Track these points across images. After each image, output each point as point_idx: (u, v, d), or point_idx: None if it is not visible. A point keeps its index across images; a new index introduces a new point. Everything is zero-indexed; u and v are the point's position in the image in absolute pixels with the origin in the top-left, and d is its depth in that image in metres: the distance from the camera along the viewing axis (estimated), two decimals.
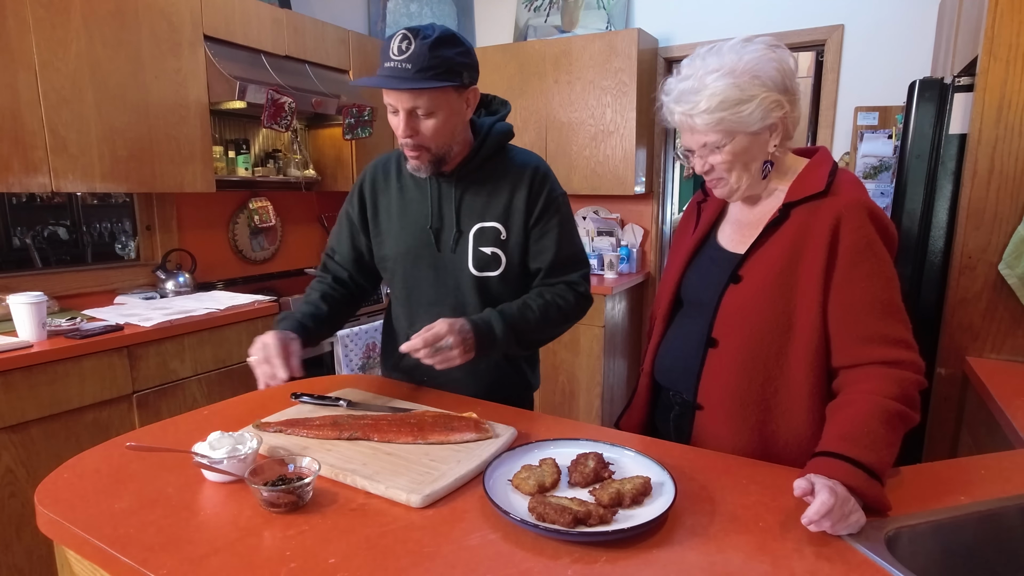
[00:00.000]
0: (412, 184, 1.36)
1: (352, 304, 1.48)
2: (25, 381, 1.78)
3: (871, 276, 1.00)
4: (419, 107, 1.16)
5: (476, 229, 1.31)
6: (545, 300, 1.29)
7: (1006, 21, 1.66)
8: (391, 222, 1.37)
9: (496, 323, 1.23)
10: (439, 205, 1.33)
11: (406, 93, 1.14)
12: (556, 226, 1.32)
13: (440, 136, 1.20)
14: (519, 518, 0.81)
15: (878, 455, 0.87)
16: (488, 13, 3.96)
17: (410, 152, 1.22)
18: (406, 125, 1.18)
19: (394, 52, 1.12)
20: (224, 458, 0.93)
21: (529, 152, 1.38)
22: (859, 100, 3.02)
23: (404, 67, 1.11)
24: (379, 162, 1.43)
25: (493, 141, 1.31)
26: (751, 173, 1.08)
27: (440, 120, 1.18)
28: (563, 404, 3.29)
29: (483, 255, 1.31)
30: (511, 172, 1.32)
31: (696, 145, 1.07)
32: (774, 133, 1.05)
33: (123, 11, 2.25)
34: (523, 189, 1.30)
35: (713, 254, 1.19)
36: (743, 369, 1.07)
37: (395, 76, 1.12)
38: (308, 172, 3.32)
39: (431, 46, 1.11)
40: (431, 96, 1.15)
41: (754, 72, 1.00)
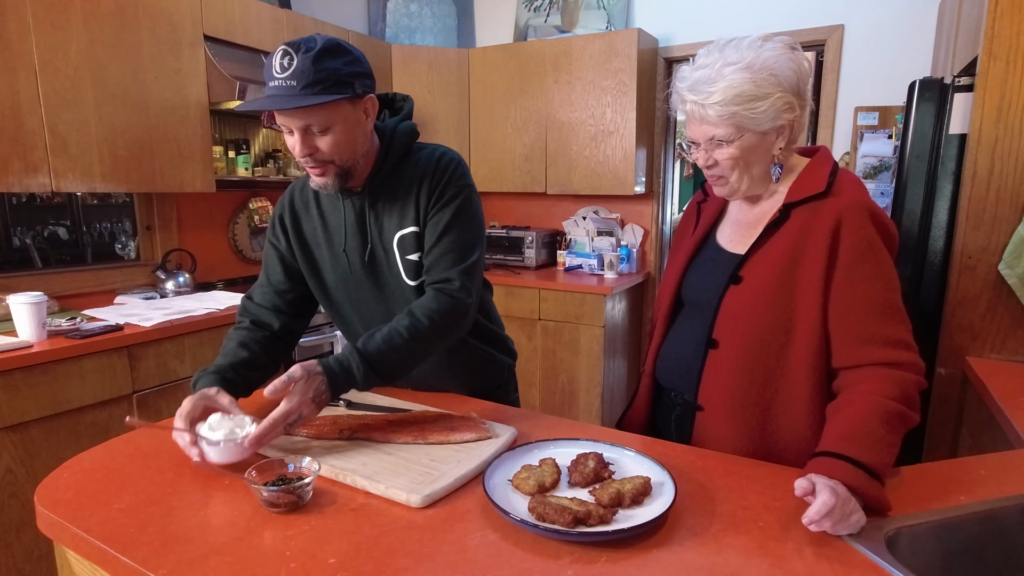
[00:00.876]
0: (330, 207, 1.28)
1: (279, 349, 1.31)
2: (25, 381, 1.78)
3: (872, 277, 1.00)
4: (312, 124, 1.08)
5: (398, 238, 1.24)
6: (412, 320, 1.15)
7: (1006, 21, 1.66)
8: (320, 249, 1.29)
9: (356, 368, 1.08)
10: (356, 223, 1.26)
11: (297, 112, 1.06)
12: (448, 213, 1.21)
13: (340, 150, 1.12)
14: (519, 518, 0.81)
15: (878, 455, 0.87)
16: (488, 13, 3.96)
17: (314, 170, 1.14)
18: (303, 144, 1.10)
19: (276, 70, 1.04)
20: (221, 440, 0.93)
21: (437, 146, 1.29)
22: (859, 100, 3.02)
23: (288, 84, 1.04)
24: (295, 188, 1.34)
25: (399, 144, 1.23)
26: (752, 175, 1.08)
27: (337, 134, 1.11)
28: (563, 404, 3.29)
29: (411, 263, 1.24)
30: (418, 172, 1.23)
31: (703, 138, 1.06)
32: (781, 136, 1.05)
33: (123, 11, 2.25)
34: (427, 185, 1.22)
35: (713, 255, 1.19)
36: (743, 370, 1.07)
37: (280, 95, 1.04)
38: None
39: (314, 59, 1.04)
40: (322, 111, 1.07)
41: (772, 70, 1.00)
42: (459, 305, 1.19)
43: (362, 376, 1.08)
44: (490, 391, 1.42)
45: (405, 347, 1.13)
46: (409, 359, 1.15)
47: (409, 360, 1.15)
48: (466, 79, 3.67)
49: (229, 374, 1.17)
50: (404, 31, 3.78)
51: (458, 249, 1.21)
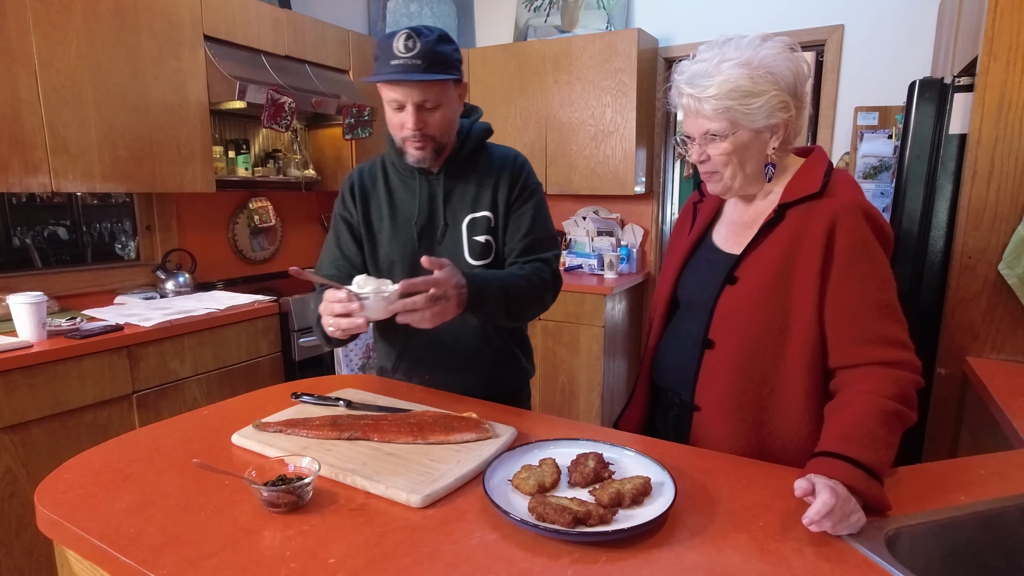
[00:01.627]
0: (400, 186, 1.39)
1: None
2: (25, 381, 1.78)
3: (867, 277, 1.00)
4: (428, 100, 1.22)
5: (468, 220, 1.36)
6: (527, 272, 1.31)
7: (1006, 21, 1.66)
8: (383, 223, 1.39)
9: (491, 280, 1.22)
10: (429, 201, 1.37)
11: (417, 87, 1.20)
12: (531, 209, 1.38)
13: (444, 127, 1.28)
14: (519, 518, 0.81)
15: (877, 455, 0.87)
16: (488, 13, 3.96)
17: (416, 143, 1.26)
18: (416, 118, 1.23)
19: (400, 49, 1.18)
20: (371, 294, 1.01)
21: (508, 147, 1.45)
22: (859, 100, 3.02)
23: (414, 63, 1.18)
24: (363, 168, 1.44)
25: (475, 138, 1.38)
26: (746, 172, 1.08)
27: (444, 112, 1.26)
28: (563, 404, 3.29)
29: (477, 244, 1.35)
30: (495, 164, 1.39)
31: (697, 132, 1.06)
32: (775, 135, 1.05)
33: (123, 11, 2.25)
34: (506, 178, 1.37)
35: (709, 255, 1.19)
36: (740, 370, 1.07)
37: (407, 71, 1.18)
38: (308, 172, 3.32)
39: (435, 43, 1.20)
40: (440, 88, 1.23)
41: (769, 68, 1.01)
42: (556, 282, 1.37)
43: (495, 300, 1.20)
44: (508, 396, 1.43)
45: (523, 288, 1.27)
46: (523, 301, 1.28)
47: (523, 302, 1.27)
48: (466, 79, 3.67)
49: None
50: None
51: (549, 238, 1.40)
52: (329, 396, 1.27)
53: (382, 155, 1.44)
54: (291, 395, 1.30)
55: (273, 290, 2.77)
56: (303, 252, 3.50)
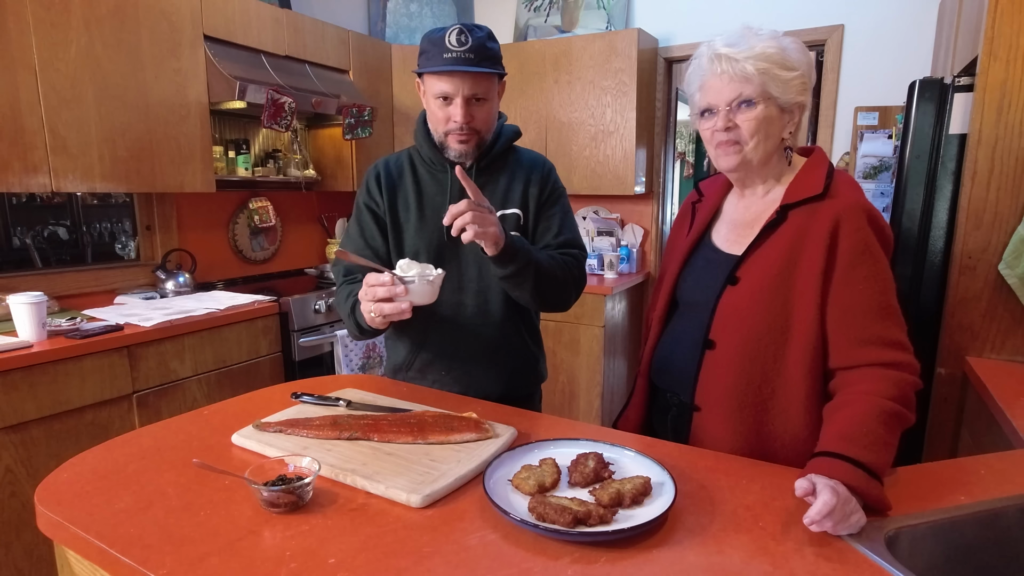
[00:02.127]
0: (429, 179, 1.41)
1: None
2: (25, 381, 1.78)
3: (869, 279, 1.00)
4: (478, 93, 1.26)
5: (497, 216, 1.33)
6: (559, 258, 1.34)
7: (1006, 21, 1.66)
8: (409, 215, 1.39)
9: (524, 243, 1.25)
10: (459, 196, 1.33)
11: (470, 79, 1.24)
12: (559, 211, 1.43)
13: (489, 121, 1.33)
14: (519, 518, 0.81)
15: (877, 455, 0.87)
16: (488, 13, 3.96)
17: (461, 136, 1.29)
18: (465, 111, 1.26)
19: (453, 43, 1.23)
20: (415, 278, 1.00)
21: (535, 151, 1.51)
22: (859, 100, 3.02)
23: (467, 56, 1.22)
24: (388, 160, 1.45)
25: (507, 137, 1.41)
26: (766, 147, 1.07)
27: (490, 106, 1.31)
28: (563, 404, 3.29)
29: None
30: (524, 165, 1.43)
31: (726, 100, 1.04)
32: (793, 119, 1.07)
33: (123, 11, 2.25)
34: (537, 179, 1.41)
35: (708, 255, 1.19)
36: (740, 371, 1.07)
37: (460, 64, 1.22)
38: (308, 172, 3.32)
39: (486, 39, 1.25)
40: (489, 82, 1.28)
41: (795, 51, 1.05)
42: (581, 279, 1.40)
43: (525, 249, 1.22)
44: (521, 399, 1.44)
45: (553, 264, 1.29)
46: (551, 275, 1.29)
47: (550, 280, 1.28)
48: None
49: None
50: (404, 31, 3.78)
51: (577, 241, 1.43)
52: (329, 396, 1.27)
53: (407, 149, 1.46)
54: (291, 395, 1.30)
55: (273, 290, 2.77)
56: (303, 252, 3.50)
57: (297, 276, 3.33)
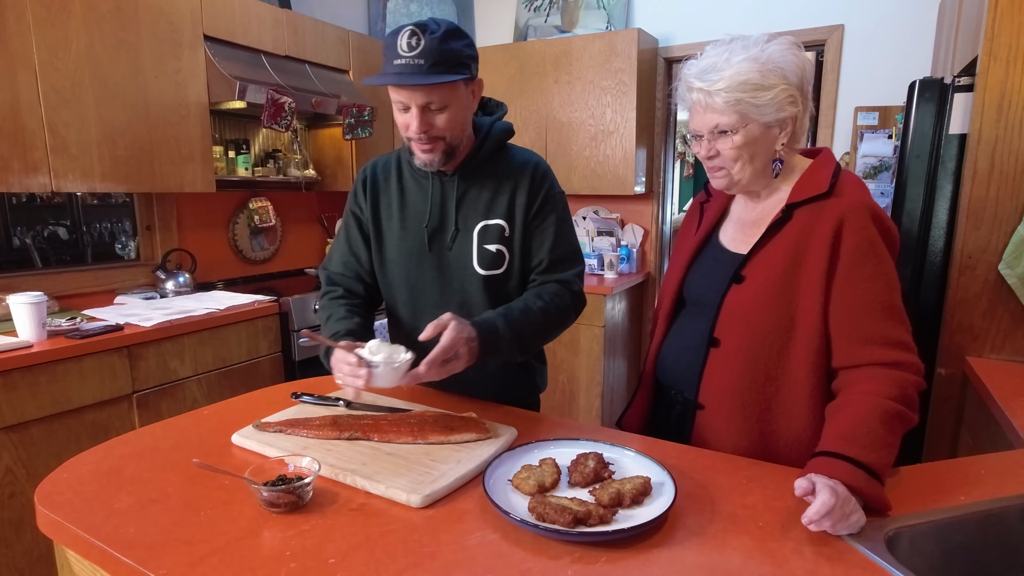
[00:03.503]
0: (413, 185, 1.33)
1: (372, 309, 1.40)
2: (25, 381, 1.78)
3: (873, 278, 1.00)
4: (433, 102, 1.15)
5: (480, 227, 1.29)
6: (544, 302, 1.24)
7: (1006, 21, 1.66)
8: (392, 223, 1.34)
9: (501, 327, 1.16)
10: (440, 204, 1.31)
11: (420, 89, 1.12)
12: (554, 222, 1.30)
13: (453, 128, 1.20)
14: (519, 518, 0.81)
15: (878, 455, 0.87)
16: (488, 13, 3.96)
17: (423, 146, 1.19)
18: (421, 121, 1.16)
19: (403, 48, 1.10)
20: (381, 363, 0.98)
21: (529, 151, 1.37)
22: (859, 100, 3.02)
23: (416, 63, 1.10)
24: (377, 162, 1.40)
25: (495, 138, 1.30)
26: (754, 167, 1.07)
27: (452, 112, 1.18)
28: (563, 404, 3.29)
29: (488, 253, 1.29)
30: (513, 169, 1.30)
31: (707, 128, 1.06)
32: (784, 131, 1.06)
33: (123, 11, 2.25)
34: (525, 185, 1.29)
35: (715, 254, 1.19)
36: (744, 369, 1.07)
37: (407, 72, 1.11)
38: (308, 172, 3.32)
39: (440, 39, 1.11)
40: (445, 90, 1.14)
41: (777, 63, 1.01)
42: (578, 304, 1.31)
43: (507, 344, 1.15)
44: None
45: (537, 324, 1.21)
46: (537, 336, 1.23)
47: (536, 337, 1.23)
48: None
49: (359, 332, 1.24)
50: None
51: (573, 256, 1.33)
52: (329, 396, 1.27)
53: (398, 150, 1.38)
54: (291, 395, 1.30)
55: (273, 290, 2.77)
56: (303, 252, 3.50)
57: (297, 276, 3.32)
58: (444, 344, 1.05)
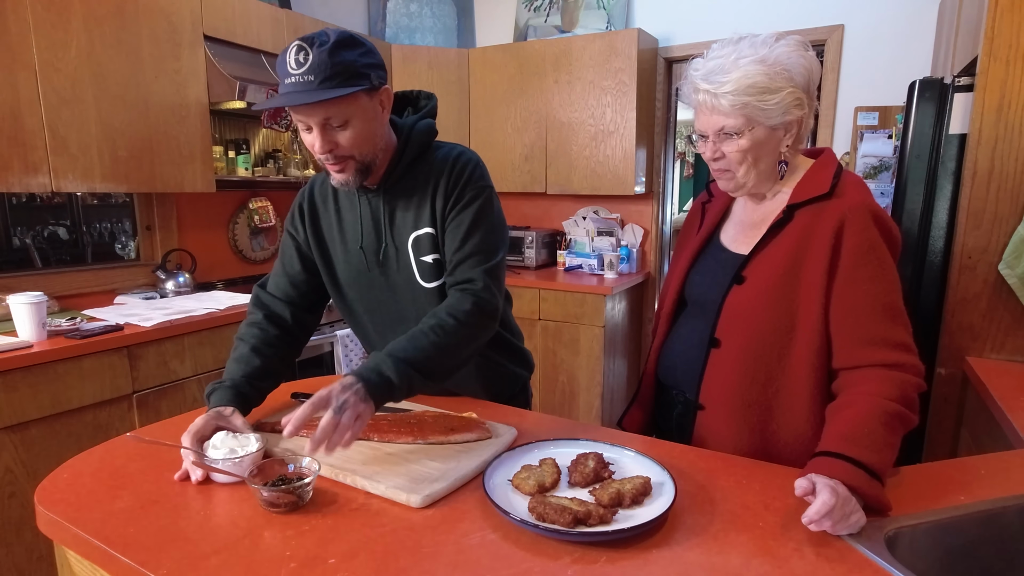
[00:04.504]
0: (347, 204, 1.27)
1: (291, 348, 1.30)
2: (25, 381, 1.78)
3: (874, 279, 1.00)
4: (332, 118, 1.06)
5: (412, 239, 1.22)
6: (438, 319, 1.11)
7: (1006, 21, 1.65)
8: (335, 245, 1.29)
9: (381, 362, 1.03)
10: (372, 222, 1.24)
11: (316, 106, 1.04)
12: (469, 216, 1.19)
13: (360, 144, 1.11)
14: (519, 518, 0.81)
15: (879, 455, 0.87)
16: (488, 13, 3.96)
17: (334, 167, 1.12)
18: (323, 140, 1.08)
19: (292, 66, 1.02)
20: (220, 459, 0.93)
21: (455, 145, 1.26)
22: (859, 100, 3.02)
23: (307, 79, 1.02)
24: (314, 183, 1.33)
25: (416, 142, 1.21)
26: (759, 170, 1.07)
27: (356, 127, 1.09)
28: (563, 404, 3.29)
29: (426, 264, 1.22)
30: (435, 171, 1.21)
31: (712, 129, 1.06)
32: (789, 132, 1.06)
33: (123, 11, 2.25)
34: (443, 185, 1.19)
35: (716, 254, 1.19)
36: (745, 369, 1.07)
37: (298, 91, 1.03)
38: (308, 172, 3.32)
39: (330, 52, 1.02)
40: (341, 104, 1.06)
41: (785, 65, 1.01)
42: (485, 305, 1.16)
43: (396, 374, 1.01)
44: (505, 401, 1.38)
45: (433, 346, 1.08)
46: (439, 358, 1.09)
47: (439, 359, 1.09)
48: (466, 79, 3.67)
49: (244, 388, 1.16)
50: (404, 31, 3.78)
51: (481, 251, 1.19)
52: None
53: None
54: (291, 395, 1.29)
55: None
56: None
57: None
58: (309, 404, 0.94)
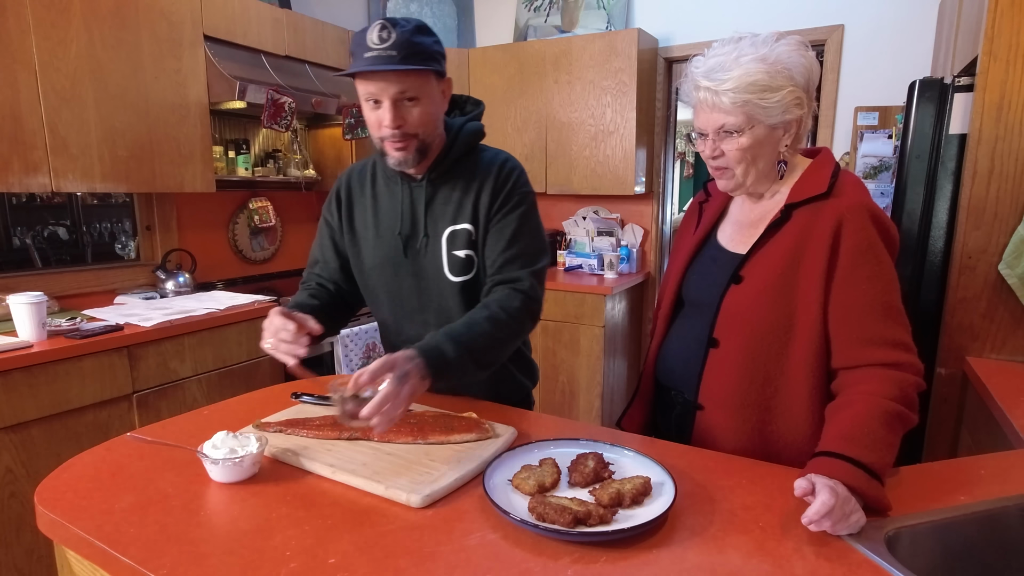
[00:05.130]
0: (385, 191, 1.33)
1: (344, 307, 1.41)
2: (25, 381, 1.78)
3: (872, 278, 1.00)
4: (406, 92, 1.13)
5: (448, 233, 1.27)
6: (491, 311, 1.17)
7: (1006, 21, 1.66)
8: (367, 231, 1.34)
9: (443, 344, 1.08)
10: (411, 210, 1.29)
11: (393, 78, 1.11)
12: (515, 220, 1.26)
13: (425, 123, 1.18)
14: (519, 518, 0.81)
15: (878, 455, 0.87)
16: (488, 13, 3.96)
17: (396, 143, 1.17)
18: (394, 114, 1.14)
19: (375, 41, 1.10)
20: (221, 459, 0.93)
21: (500, 150, 1.33)
22: (859, 100, 3.02)
23: (389, 54, 1.10)
24: (354, 169, 1.40)
25: (464, 141, 1.27)
26: (758, 169, 1.07)
27: (424, 106, 1.16)
28: (563, 404, 3.29)
29: (457, 259, 1.27)
30: (480, 171, 1.28)
31: (712, 127, 1.05)
32: (788, 132, 1.05)
33: (123, 11, 2.25)
34: (489, 185, 1.26)
35: (714, 254, 1.19)
36: (744, 369, 1.07)
37: (381, 62, 1.10)
38: (308, 172, 3.32)
39: (411, 33, 1.11)
40: (418, 79, 1.14)
41: (785, 64, 1.01)
42: (531, 305, 1.23)
43: (456, 356, 1.08)
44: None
45: (487, 335, 1.14)
46: (491, 348, 1.16)
47: (490, 350, 1.16)
48: (466, 79, 3.67)
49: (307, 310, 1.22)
50: None
51: (528, 254, 1.25)
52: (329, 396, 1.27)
53: (374, 155, 1.36)
54: (291, 395, 1.30)
55: (273, 290, 2.77)
56: (303, 252, 3.49)
57: (297, 276, 3.29)
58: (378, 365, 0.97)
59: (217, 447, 0.95)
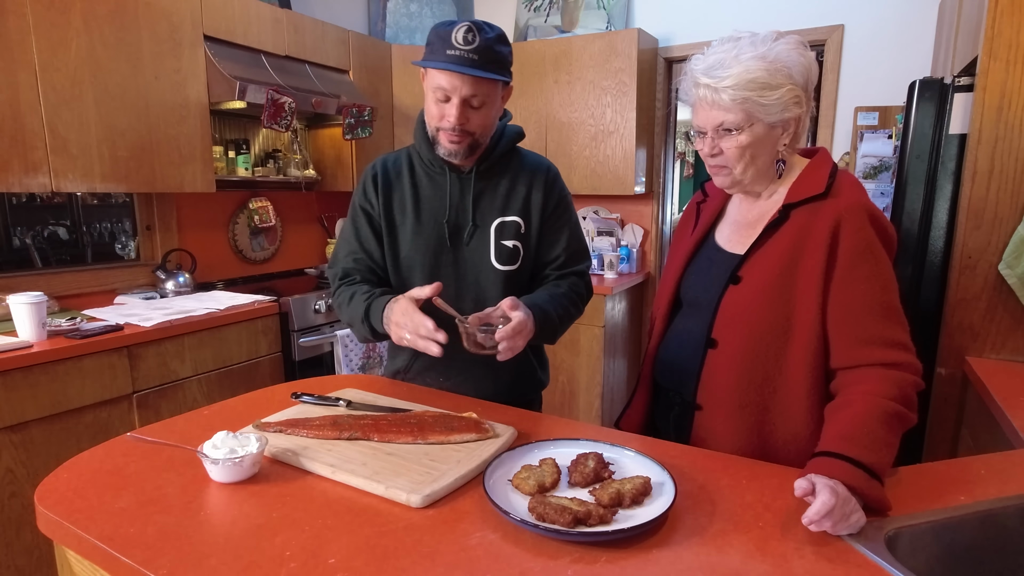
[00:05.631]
0: (426, 180, 1.37)
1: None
2: (25, 381, 1.78)
3: (870, 278, 1.00)
4: (477, 96, 1.20)
5: (497, 223, 1.34)
6: (565, 290, 1.35)
7: (1006, 21, 1.65)
8: (405, 218, 1.36)
9: (550, 312, 1.27)
10: (458, 199, 1.35)
11: (469, 81, 1.18)
12: (567, 222, 1.41)
13: (486, 126, 1.27)
14: (519, 518, 0.81)
15: (878, 455, 0.87)
16: (488, 13, 3.96)
17: (453, 137, 1.24)
18: (460, 113, 1.21)
19: (460, 41, 1.16)
20: (221, 459, 0.93)
21: (538, 154, 1.47)
22: (859, 100, 3.02)
23: (471, 57, 1.17)
24: (387, 159, 1.42)
25: (508, 140, 1.37)
26: (756, 167, 1.07)
27: (487, 112, 1.25)
28: (563, 404, 3.29)
29: (504, 248, 1.34)
30: (526, 170, 1.38)
31: (711, 125, 1.05)
32: (787, 131, 1.06)
33: (123, 11, 2.25)
34: (540, 186, 1.37)
35: (712, 254, 1.19)
36: (742, 370, 1.07)
37: (461, 63, 1.17)
38: (308, 172, 3.32)
39: (494, 41, 1.19)
40: (489, 87, 1.22)
41: (785, 63, 1.01)
42: (589, 296, 1.44)
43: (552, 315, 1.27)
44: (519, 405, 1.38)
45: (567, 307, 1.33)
46: (564, 322, 1.34)
47: (565, 320, 1.34)
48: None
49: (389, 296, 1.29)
50: (404, 31, 3.78)
51: (585, 251, 1.45)
52: (329, 396, 1.27)
53: (406, 148, 1.42)
54: (291, 395, 1.30)
55: (273, 290, 2.77)
56: (303, 252, 3.50)
57: (297, 276, 3.32)
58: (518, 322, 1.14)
59: (217, 447, 0.95)
